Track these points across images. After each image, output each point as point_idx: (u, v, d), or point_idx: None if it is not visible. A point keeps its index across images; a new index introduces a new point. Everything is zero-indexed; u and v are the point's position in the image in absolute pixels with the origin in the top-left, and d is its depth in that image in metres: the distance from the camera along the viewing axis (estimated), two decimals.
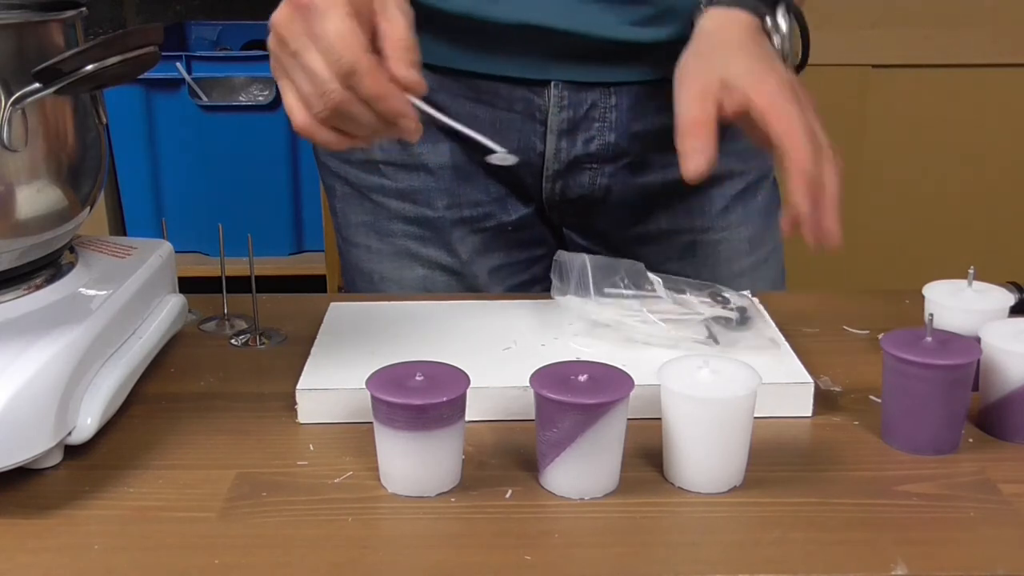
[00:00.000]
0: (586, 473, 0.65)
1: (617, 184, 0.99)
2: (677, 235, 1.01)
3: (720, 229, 1.01)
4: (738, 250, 1.02)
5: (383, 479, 0.66)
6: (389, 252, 1.03)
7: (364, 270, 1.04)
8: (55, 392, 0.65)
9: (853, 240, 2.44)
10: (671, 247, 1.01)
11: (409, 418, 0.64)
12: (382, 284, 1.04)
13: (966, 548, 0.61)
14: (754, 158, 1.01)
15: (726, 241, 1.01)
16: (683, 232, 1.01)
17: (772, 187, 1.04)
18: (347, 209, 1.04)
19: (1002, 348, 0.71)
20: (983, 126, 2.18)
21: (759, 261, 1.03)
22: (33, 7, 0.72)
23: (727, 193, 1.00)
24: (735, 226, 1.01)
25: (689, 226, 1.00)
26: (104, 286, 0.78)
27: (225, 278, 0.92)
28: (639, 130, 0.97)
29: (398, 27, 0.70)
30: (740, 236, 1.01)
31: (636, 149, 0.98)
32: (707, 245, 1.01)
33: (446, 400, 0.64)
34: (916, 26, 2.12)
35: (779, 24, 0.82)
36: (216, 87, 2.11)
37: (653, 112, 0.96)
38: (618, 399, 0.64)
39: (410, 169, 1.00)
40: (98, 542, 0.61)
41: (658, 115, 0.96)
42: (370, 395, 0.65)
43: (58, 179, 0.73)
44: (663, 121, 0.96)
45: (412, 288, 1.02)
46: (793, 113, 0.76)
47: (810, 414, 0.75)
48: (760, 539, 0.62)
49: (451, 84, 0.95)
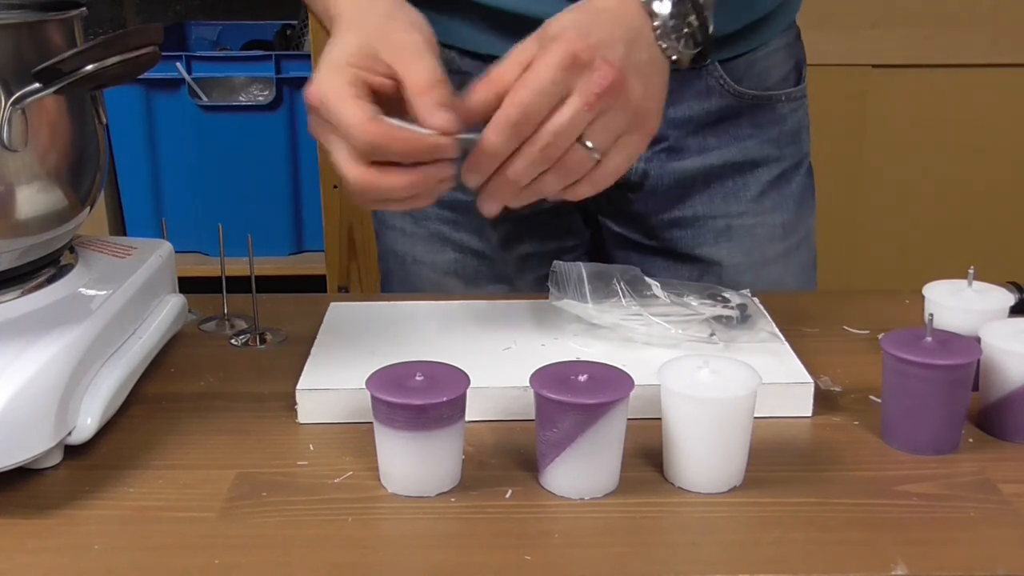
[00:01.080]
0: (586, 473, 0.65)
1: (654, 169, 1.00)
2: (712, 219, 1.01)
3: (755, 214, 1.01)
4: (772, 235, 1.02)
5: (383, 479, 0.66)
6: (423, 235, 1.04)
7: (398, 252, 1.07)
8: (55, 392, 0.65)
9: (853, 240, 2.45)
10: (707, 231, 1.01)
11: (409, 418, 0.64)
12: (414, 267, 1.06)
13: (966, 548, 0.61)
14: (789, 145, 1.02)
15: (760, 226, 1.02)
16: (718, 217, 1.01)
17: (806, 174, 1.05)
18: None
19: (1002, 348, 0.71)
20: (983, 126, 2.18)
21: (792, 247, 1.03)
22: (33, 7, 0.72)
23: (762, 179, 1.01)
24: (769, 212, 1.02)
25: (724, 211, 1.01)
26: (104, 286, 0.78)
27: (225, 278, 0.92)
28: (676, 116, 0.97)
29: (416, 72, 0.72)
30: (774, 222, 1.02)
31: (673, 134, 0.98)
32: (742, 229, 1.01)
33: (446, 400, 0.64)
34: (916, 26, 2.12)
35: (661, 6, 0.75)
36: (216, 87, 2.11)
37: (690, 97, 0.97)
38: (618, 399, 0.64)
39: None
40: (98, 542, 0.61)
41: (695, 101, 0.97)
42: (370, 395, 0.65)
43: (58, 179, 0.73)
44: (700, 107, 0.98)
45: (443, 271, 1.04)
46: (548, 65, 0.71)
47: (810, 414, 0.75)
48: (760, 539, 0.62)
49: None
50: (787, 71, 1.01)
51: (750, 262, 1.01)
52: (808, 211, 1.05)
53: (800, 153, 1.04)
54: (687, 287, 0.86)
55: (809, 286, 1.07)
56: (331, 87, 0.72)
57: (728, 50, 0.96)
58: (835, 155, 2.11)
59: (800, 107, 1.03)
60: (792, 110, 1.02)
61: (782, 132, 1.01)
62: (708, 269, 1.01)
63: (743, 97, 0.98)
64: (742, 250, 1.01)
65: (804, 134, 1.04)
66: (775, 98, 1.00)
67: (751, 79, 0.98)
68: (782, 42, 1.00)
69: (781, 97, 1.00)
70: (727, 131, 0.99)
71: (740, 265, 1.01)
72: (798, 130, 1.03)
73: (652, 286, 0.84)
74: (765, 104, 0.99)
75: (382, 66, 0.73)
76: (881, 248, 2.24)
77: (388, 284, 1.10)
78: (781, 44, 1.00)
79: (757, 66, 0.98)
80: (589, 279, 0.84)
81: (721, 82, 0.97)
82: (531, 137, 0.72)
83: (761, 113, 1.00)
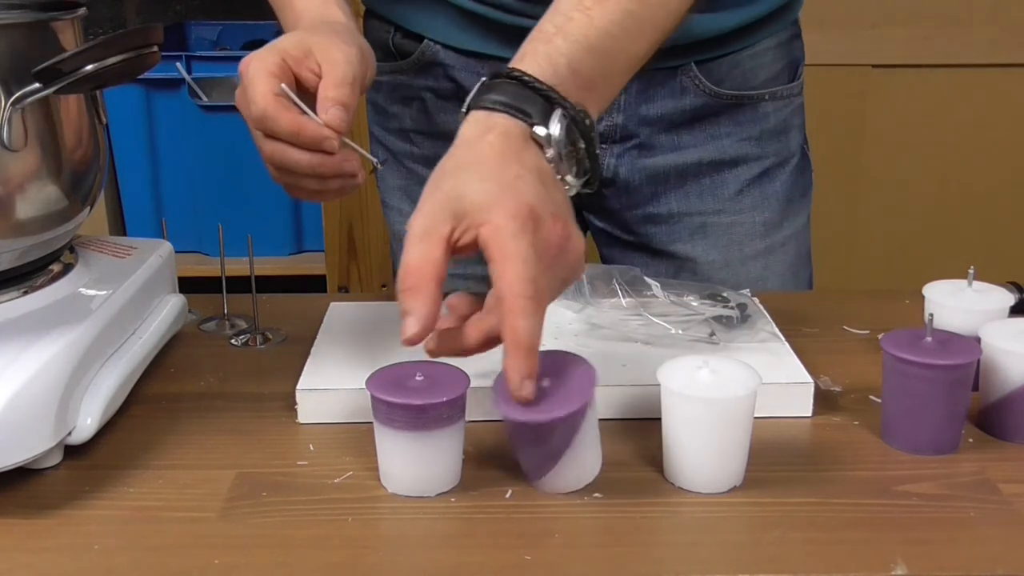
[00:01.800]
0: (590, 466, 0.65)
1: (624, 165, 1.00)
2: (688, 216, 1.01)
3: (733, 212, 1.01)
4: (752, 233, 1.02)
5: (383, 479, 0.66)
6: None
7: (398, 233, 1.09)
8: (55, 392, 0.65)
9: (853, 240, 2.44)
10: (682, 228, 1.01)
11: (409, 418, 0.64)
12: None
13: (966, 548, 0.61)
14: (772, 143, 1.01)
15: (739, 224, 1.01)
16: (694, 214, 1.01)
17: (793, 172, 1.03)
18: (386, 173, 1.10)
19: (1002, 348, 0.71)
20: (983, 126, 2.18)
21: (775, 245, 1.03)
22: (33, 7, 0.72)
23: (742, 177, 1.01)
24: (749, 210, 1.01)
25: (700, 208, 1.01)
26: (104, 286, 0.78)
27: (225, 278, 0.92)
28: (647, 114, 0.98)
29: (334, 70, 0.76)
30: (754, 220, 1.02)
31: (644, 132, 0.98)
32: (719, 227, 1.01)
33: (446, 400, 0.64)
34: (916, 26, 2.12)
35: (550, 133, 0.69)
36: (216, 87, 2.11)
37: (662, 96, 0.97)
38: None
39: (435, 137, 1.03)
40: (98, 542, 0.61)
41: (668, 99, 0.97)
42: (370, 395, 0.65)
43: (58, 179, 0.73)
44: (674, 105, 0.98)
45: None
46: (516, 254, 0.63)
47: (810, 414, 0.75)
48: (760, 539, 0.61)
49: (474, 65, 0.98)
50: (778, 70, 1.01)
51: (726, 259, 1.01)
52: (798, 209, 1.04)
53: (787, 151, 1.03)
54: (687, 287, 0.86)
55: (798, 284, 1.06)
56: (256, 62, 0.76)
57: (706, 52, 0.96)
58: (835, 155, 2.11)
59: (788, 105, 1.02)
60: (778, 108, 1.01)
61: (764, 130, 1.00)
62: (683, 265, 1.02)
63: (721, 97, 0.98)
64: (718, 247, 1.01)
65: (794, 132, 1.03)
66: (758, 97, 0.99)
67: (734, 79, 0.98)
68: (773, 42, 1.00)
69: (765, 96, 1.00)
70: (703, 129, 0.99)
71: (715, 262, 1.01)
72: (785, 128, 1.02)
73: (652, 286, 0.84)
74: (746, 103, 0.99)
75: (312, 61, 0.76)
76: (881, 248, 2.24)
77: (396, 265, 1.12)
78: (772, 44, 1.00)
79: (742, 66, 0.98)
80: (589, 279, 0.84)
81: (696, 82, 0.97)
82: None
83: (741, 112, 0.99)
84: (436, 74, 1.00)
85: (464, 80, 0.98)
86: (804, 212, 1.06)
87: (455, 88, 0.99)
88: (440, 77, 1.00)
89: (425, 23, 0.99)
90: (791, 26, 1.02)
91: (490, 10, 0.94)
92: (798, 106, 1.04)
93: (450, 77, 0.99)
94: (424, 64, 1.00)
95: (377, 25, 1.03)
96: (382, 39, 1.02)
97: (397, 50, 1.01)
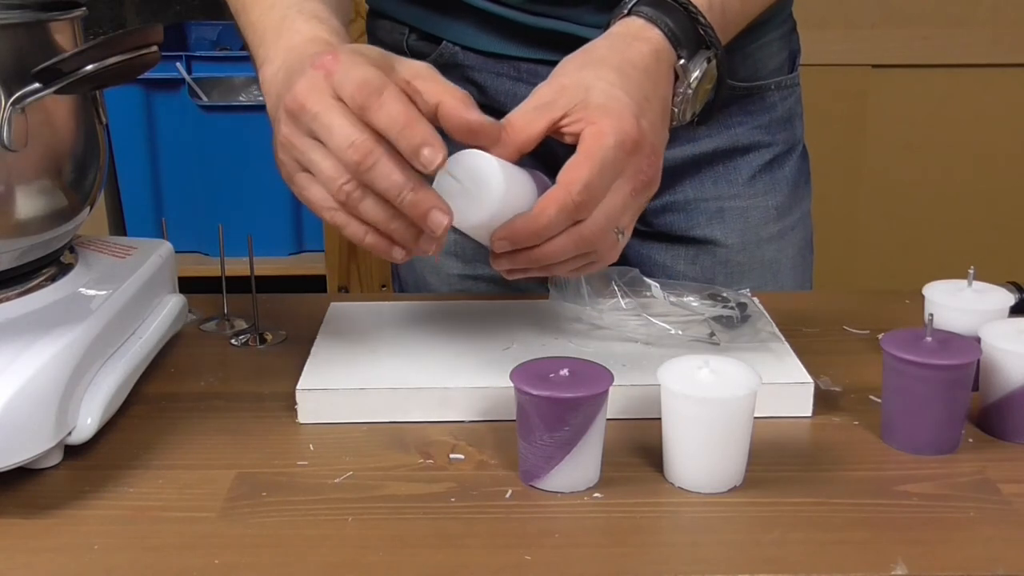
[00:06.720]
0: (590, 467, 0.65)
1: None
2: (704, 202, 1.02)
3: (747, 197, 1.02)
4: (766, 217, 1.03)
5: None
6: None
7: None
8: (55, 392, 0.65)
9: (853, 240, 2.45)
10: (699, 213, 1.02)
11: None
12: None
13: (966, 548, 0.61)
14: (780, 131, 1.03)
15: (754, 208, 1.03)
16: (710, 200, 1.02)
17: (800, 158, 1.06)
18: None
19: (1002, 348, 0.71)
20: (983, 126, 2.18)
21: (786, 228, 1.05)
22: (33, 7, 0.72)
23: (754, 164, 1.02)
24: (762, 194, 1.03)
25: (716, 194, 1.02)
26: (104, 286, 0.78)
27: (225, 278, 0.92)
28: None
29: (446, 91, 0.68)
30: (767, 204, 1.03)
31: None
32: (735, 211, 1.02)
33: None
34: (916, 26, 2.12)
35: (689, 68, 0.73)
36: (216, 87, 2.11)
37: None
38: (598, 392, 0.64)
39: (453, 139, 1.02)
40: (98, 542, 0.61)
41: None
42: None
43: (58, 179, 0.73)
44: None
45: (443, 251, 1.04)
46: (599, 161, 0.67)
47: (810, 414, 0.75)
48: (760, 539, 0.61)
49: (495, 65, 0.98)
50: (781, 61, 1.03)
51: (744, 242, 1.02)
52: (803, 194, 1.07)
53: (793, 139, 1.05)
54: (686, 287, 0.86)
55: (805, 268, 1.08)
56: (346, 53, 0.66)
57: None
58: (835, 155, 2.11)
59: (792, 95, 1.05)
60: (783, 97, 1.03)
61: (772, 119, 1.02)
62: (704, 249, 1.02)
63: (734, 89, 0.99)
64: (736, 231, 1.02)
65: (797, 121, 1.06)
66: (765, 87, 1.02)
67: (746, 71, 0.99)
68: (776, 34, 1.02)
69: (771, 86, 1.02)
70: (717, 120, 0.99)
71: (735, 245, 1.02)
72: (790, 117, 1.04)
73: (651, 287, 0.84)
74: (755, 93, 1.01)
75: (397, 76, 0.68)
76: (881, 248, 2.24)
77: (395, 266, 1.12)
78: (775, 36, 1.02)
79: (751, 58, 1.00)
80: (588, 279, 0.84)
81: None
82: (580, 222, 0.69)
83: (751, 101, 1.01)
84: (455, 76, 0.99)
85: (484, 81, 0.98)
86: (808, 198, 1.08)
87: (475, 90, 0.99)
88: (459, 79, 0.99)
89: (443, 25, 0.98)
90: (788, 19, 1.05)
91: (510, 11, 0.94)
92: (798, 96, 1.06)
93: (470, 79, 0.99)
94: (442, 67, 0.98)
95: (388, 26, 1.02)
96: (395, 41, 1.01)
97: (412, 52, 1.00)
